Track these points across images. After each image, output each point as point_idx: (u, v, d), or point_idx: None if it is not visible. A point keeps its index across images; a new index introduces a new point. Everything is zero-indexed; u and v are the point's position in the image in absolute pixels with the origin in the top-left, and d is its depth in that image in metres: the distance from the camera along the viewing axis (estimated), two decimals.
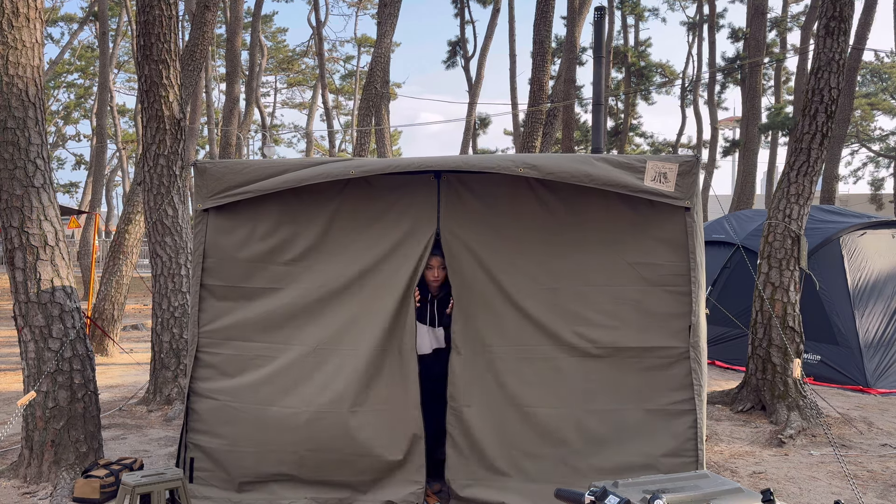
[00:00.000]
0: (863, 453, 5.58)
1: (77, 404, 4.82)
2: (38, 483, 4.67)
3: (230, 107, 18.66)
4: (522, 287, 4.14)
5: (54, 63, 28.37)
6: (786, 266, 6.58)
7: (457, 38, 25.20)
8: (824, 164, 7.33)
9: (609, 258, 4.12)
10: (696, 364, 4.03)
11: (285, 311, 4.26)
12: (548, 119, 13.40)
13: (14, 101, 4.69)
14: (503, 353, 4.14)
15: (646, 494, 2.12)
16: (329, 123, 31.43)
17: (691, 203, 4.05)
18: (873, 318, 8.14)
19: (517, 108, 22.58)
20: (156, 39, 6.47)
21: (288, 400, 4.19)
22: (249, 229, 4.31)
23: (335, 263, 4.25)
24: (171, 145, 6.61)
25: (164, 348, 6.72)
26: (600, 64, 10.50)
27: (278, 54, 39.15)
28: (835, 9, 6.44)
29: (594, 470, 4.00)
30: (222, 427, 4.25)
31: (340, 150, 39.92)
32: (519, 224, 4.19)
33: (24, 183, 4.72)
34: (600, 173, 3.99)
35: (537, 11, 12.52)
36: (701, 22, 24.95)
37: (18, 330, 4.82)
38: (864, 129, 29.41)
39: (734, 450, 5.68)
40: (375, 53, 12.95)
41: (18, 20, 4.69)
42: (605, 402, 4.08)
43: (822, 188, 15.18)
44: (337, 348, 4.21)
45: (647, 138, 29.23)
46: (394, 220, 4.25)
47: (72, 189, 38.90)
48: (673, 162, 4.05)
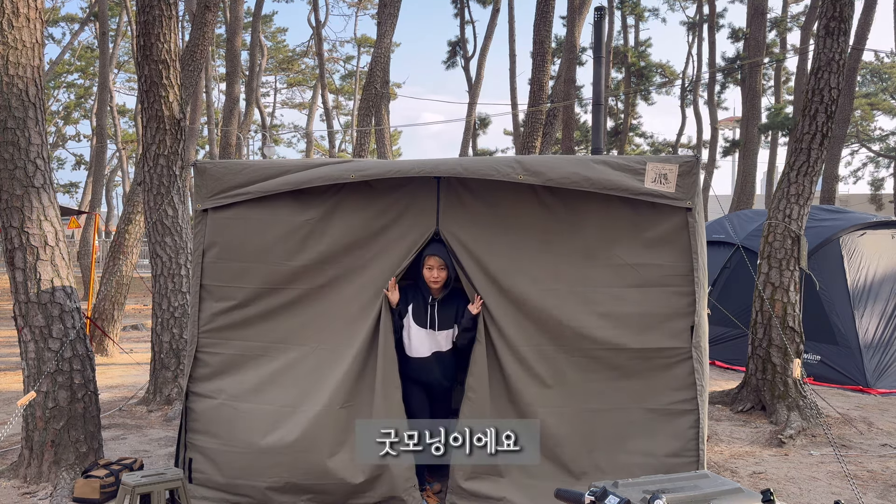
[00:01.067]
0: (863, 453, 5.58)
1: (77, 404, 4.82)
2: (38, 483, 4.67)
3: (230, 107, 18.66)
4: (522, 288, 4.13)
5: (54, 63, 28.37)
6: (786, 266, 6.58)
7: (457, 38, 25.20)
8: (824, 164, 7.33)
9: (610, 258, 4.11)
10: (698, 364, 4.03)
11: (285, 311, 4.27)
12: (548, 119, 13.40)
13: (14, 101, 4.69)
14: (503, 354, 4.14)
15: (646, 494, 2.12)
16: (329, 123, 31.44)
17: (692, 203, 4.05)
18: (873, 318, 8.14)
19: (517, 109, 22.59)
20: (156, 39, 6.47)
21: (287, 400, 4.20)
22: (249, 229, 4.31)
23: (334, 264, 4.25)
24: (171, 145, 6.61)
25: (164, 348, 6.72)
26: (600, 64, 10.50)
27: (278, 54, 39.16)
28: (835, 9, 6.44)
29: (594, 470, 4.00)
30: (221, 427, 4.25)
31: (340, 150, 39.92)
32: (519, 224, 4.18)
33: (24, 183, 4.72)
34: (600, 177, 3.99)
35: (537, 11, 12.52)
36: (701, 22, 24.95)
37: (18, 330, 4.82)
38: (864, 129, 29.41)
39: (734, 450, 5.68)
40: (375, 53, 12.96)
41: (18, 20, 4.69)
42: (605, 401, 4.07)
43: (822, 188, 15.18)
44: (336, 348, 4.21)
45: (647, 138, 29.26)
46: (393, 219, 4.25)
47: (72, 189, 38.90)
48: (673, 163, 4.05)
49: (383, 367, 4.16)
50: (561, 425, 4.08)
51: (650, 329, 4.07)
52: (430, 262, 4.24)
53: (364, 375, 4.18)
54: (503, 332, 4.14)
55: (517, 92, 23.19)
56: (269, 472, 4.19)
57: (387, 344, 4.18)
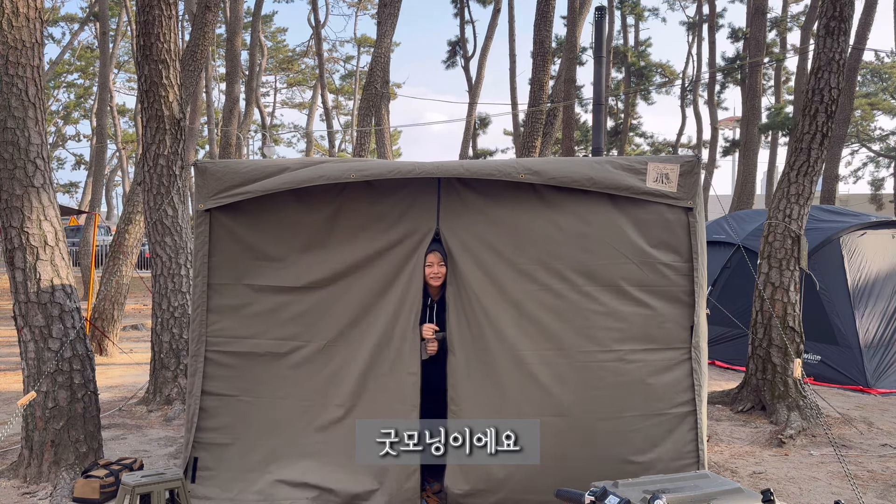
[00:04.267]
0: (863, 453, 5.58)
1: (77, 404, 4.82)
2: (38, 483, 4.67)
3: (230, 107, 18.66)
4: (522, 287, 4.13)
5: (54, 63, 28.39)
6: (786, 266, 6.57)
7: (457, 38, 25.20)
8: (824, 164, 7.33)
9: (611, 258, 4.11)
10: (696, 364, 4.03)
11: (294, 309, 4.29)
12: (548, 119, 13.39)
13: (14, 101, 4.69)
14: (502, 355, 4.12)
15: (646, 494, 2.12)
16: (329, 123, 31.46)
17: (694, 203, 4.05)
18: (873, 318, 8.13)
19: (517, 108, 22.58)
20: (156, 39, 6.47)
21: (298, 397, 4.25)
22: (254, 227, 4.33)
23: (340, 262, 4.27)
24: (171, 145, 6.61)
25: (164, 348, 6.72)
26: (600, 64, 10.51)
27: (278, 54, 39.18)
28: (835, 9, 6.43)
29: (594, 470, 3.99)
30: (233, 425, 4.28)
31: (340, 150, 39.94)
32: (520, 224, 4.18)
33: (24, 183, 4.72)
34: (602, 177, 4.00)
35: (537, 11, 12.52)
36: (701, 22, 24.96)
37: (18, 330, 4.82)
38: (864, 129, 29.44)
39: (734, 450, 5.67)
40: (375, 53, 12.95)
41: (18, 20, 4.69)
42: (605, 402, 4.07)
43: (822, 188, 15.18)
44: (345, 346, 4.25)
45: (647, 138, 29.29)
46: (395, 220, 4.26)
47: (72, 189, 38.92)
48: (674, 162, 4.05)
49: (401, 365, 4.18)
50: (561, 426, 4.07)
51: (650, 329, 4.07)
52: (430, 259, 4.24)
53: (373, 374, 4.20)
54: (502, 333, 4.13)
55: (517, 92, 23.22)
56: (275, 470, 4.20)
57: (412, 344, 4.19)
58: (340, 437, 4.20)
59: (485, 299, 4.15)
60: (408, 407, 4.16)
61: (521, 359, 4.10)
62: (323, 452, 4.21)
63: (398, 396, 4.18)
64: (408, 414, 4.16)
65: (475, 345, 4.15)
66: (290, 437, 4.24)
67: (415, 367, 4.18)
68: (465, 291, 4.19)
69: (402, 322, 4.20)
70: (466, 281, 4.18)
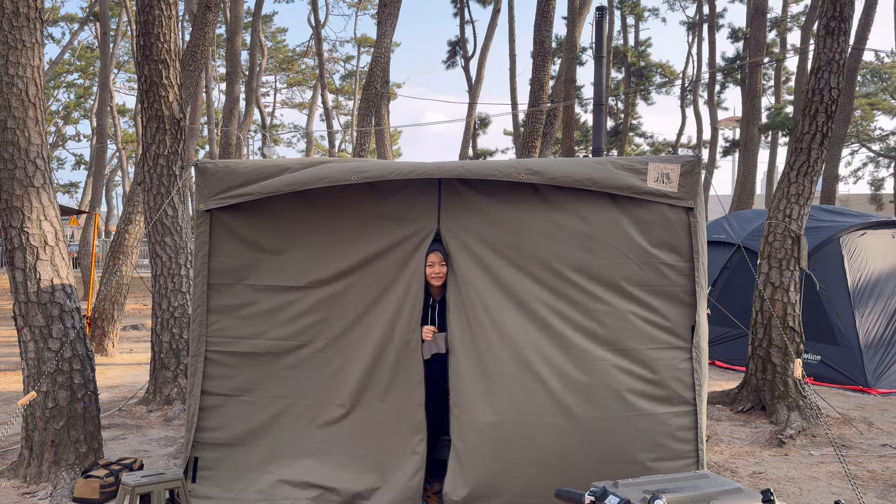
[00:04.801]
0: (863, 453, 5.58)
1: (77, 404, 4.82)
2: (38, 483, 4.67)
3: (230, 107, 18.65)
4: (523, 287, 4.13)
5: (54, 63, 28.37)
6: (786, 266, 6.58)
7: (457, 38, 25.18)
8: (824, 164, 7.33)
9: (612, 258, 4.11)
10: (696, 364, 4.03)
11: (295, 309, 4.30)
12: (548, 119, 13.39)
13: (14, 101, 4.69)
14: (503, 355, 4.12)
15: (646, 494, 2.12)
16: (329, 123, 31.44)
17: (694, 203, 4.05)
18: (873, 318, 8.14)
19: (517, 108, 22.58)
20: (156, 39, 6.47)
21: (299, 397, 4.25)
22: (254, 228, 4.33)
23: (341, 262, 4.28)
24: (171, 145, 6.61)
25: (164, 348, 6.72)
26: (601, 64, 10.50)
27: (278, 54, 39.17)
28: (835, 9, 6.44)
29: (594, 470, 3.99)
30: (233, 425, 4.29)
31: (340, 150, 39.93)
32: (521, 225, 4.18)
33: (24, 183, 4.72)
34: (603, 176, 4.00)
35: (537, 11, 12.52)
36: (701, 22, 24.95)
37: (18, 330, 4.82)
38: (864, 129, 29.44)
39: (734, 450, 5.67)
40: (375, 53, 12.95)
41: (18, 20, 4.69)
42: (606, 402, 4.06)
43: (822, 188, 15.17)
44: (346, 345, 4.26)
45: (648, 138, 29.27)
46: (396, 218, 4.27)
47: (72, 189, 38.92)
48: (675, 162, 4.05)
49: (406, 364, 4.19)
50: (562, 426, 4.07)
51: (651, 328, 4.07)
52: (431, 259, 4.24)
53: (376, 375, 4.21)
54: (504, 333, 4.12)
55: (517, 92, 23.21)
56: (279, 470, 4.21)
57: (416, 343, 4.21)
58: (342, 437, 4.22)
59: (486, 299, 4.15)
60: (412, 405, 4.16)
61: (523, 359, 4.09)
62: (324, 452, 4.22)
63: (400, 396, 4.18)
64: (412, 413, 4.16)
65: (476, 345, 4.14)
66: (290, 437, 4.25)
67: (417, 367, 4.18)
68: (467, 291, 4.18)
69: (404, 322, 4.20)
70: (467, 281, 4.18)
